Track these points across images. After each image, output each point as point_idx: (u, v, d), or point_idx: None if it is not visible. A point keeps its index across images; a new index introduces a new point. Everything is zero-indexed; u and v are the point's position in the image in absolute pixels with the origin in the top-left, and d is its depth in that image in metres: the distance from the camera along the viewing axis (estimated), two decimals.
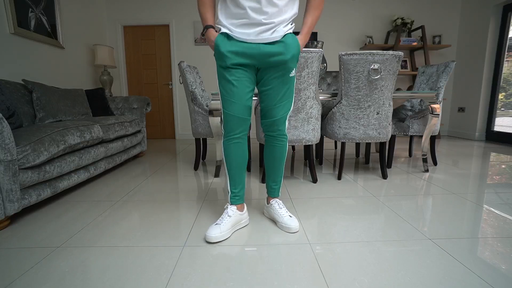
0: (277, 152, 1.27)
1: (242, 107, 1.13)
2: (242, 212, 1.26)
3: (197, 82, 2.44)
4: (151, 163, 2.65)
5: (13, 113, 1.68)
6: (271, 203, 1.33)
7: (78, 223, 1.33)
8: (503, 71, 3.66)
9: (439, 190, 1.76)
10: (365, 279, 0.89)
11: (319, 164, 2.52)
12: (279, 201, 1.32)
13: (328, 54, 4.23)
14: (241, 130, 1.17)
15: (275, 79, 1.14)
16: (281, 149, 1.28)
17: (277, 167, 1.30)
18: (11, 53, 2.38)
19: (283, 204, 1.32)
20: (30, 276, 0.92)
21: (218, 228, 1.15)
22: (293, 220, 1.23)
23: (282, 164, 1.31)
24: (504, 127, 3.65)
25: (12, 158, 1.24)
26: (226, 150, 1.21)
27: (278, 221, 1.26)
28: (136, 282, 0.89)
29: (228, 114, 1.15)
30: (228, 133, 1.18)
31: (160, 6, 4.06)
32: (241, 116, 1.14)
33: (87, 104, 2.52)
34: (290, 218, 1.23)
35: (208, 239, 1.13)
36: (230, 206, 1.25)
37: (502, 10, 3.65)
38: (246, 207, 1.31)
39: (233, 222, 1.21)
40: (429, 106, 2.10)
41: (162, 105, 4.38)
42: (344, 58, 1.78)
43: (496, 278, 0.88)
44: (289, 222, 1.21)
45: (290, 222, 1.21)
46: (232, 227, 1.20)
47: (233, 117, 1.14)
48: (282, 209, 1.28)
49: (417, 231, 1.21)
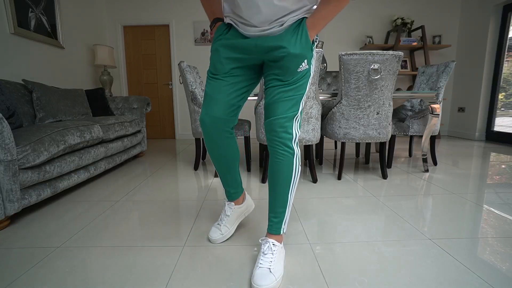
0: (278, 172, 0.93)
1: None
2: (241, 204, 1.18)
3: (197, 82, 2.44)
4: (151, 163, 2.65)
5: (13, 113, 1.68)
6: (262, 240, 0.97)
7: (78, 223, 1.33)
8: (503, 71, 3.66)
9: (439, 190, 1.76)
10: (365, 279, 0.89)
11: (319, 164, 2.52)
12: (272, 242, 0.94)
13: (328, 54, 4.23)
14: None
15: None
16: (283, 168, 0.92)
17: (278, 192, 0.95)
18: (11, 53, 2.38)
19: (276, 248, 0.93)
20: (30, 276, 0.92)
21: (218, 231, 1.14)
22: (266, 277, 0.85)
23: (286, 190, 0.94)
24: (504, 127, 3.65)
25: (12, 158, 1.24)
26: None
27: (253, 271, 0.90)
28: (136, 282, 0.89)
29: None
30: None
31: (160, 6, 4.06)
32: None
33: (87, 104, 2.52)
34: (263, 273, 0.86)
35: (212, 242, 1.14)
36: (227, 203, 1.17)
37: (502, 10, 3.65)
38: (246, 195, 1.22)
39: (234, 218, 1.18)
40: (429, 106, 2.10)
41: (162, 105, 4.38)
42: (344, 58, 1.78)
43: (496, 278, 0.88)
44: (259, 279, 0.84)
45: (259, 280, 0.84)
46: (234, 222, 1.18)
47: None
48: (266, 255, 0.92)
49: (417, 231, 1.21)
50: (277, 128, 0.90)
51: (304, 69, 0.89)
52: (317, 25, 0.86)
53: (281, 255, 0.96)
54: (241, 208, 1.19)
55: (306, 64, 0.89)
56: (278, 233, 0.97)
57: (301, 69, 0.89)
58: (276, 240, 0.96)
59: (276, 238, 0.97)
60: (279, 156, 0.92)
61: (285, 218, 0.97)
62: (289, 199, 0.96)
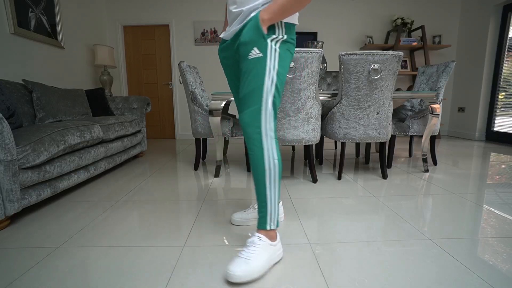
0: (252, 167, 0.96)
1: None
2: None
3: (197, 82, 2.44)
4: (151, 163, 2.65)
5: (13, 113, 1.68)
6: (251, 233, 1.02)
7: (78, 223, 1.33)
8: (503, 71, 3.66)
9: (439, 190, 1.76)
10: (365, 279, 0.89)
11: (319, 164, 2.52)
12: (257, 236, 0.95)
13: (328, 54, 4.23)
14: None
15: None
16: (253, 163, 0.94)
17: (256, 187, 0.96)
18: (11, 53, 2.38)
19: (261, 243, 0.93)
20: (30, 276, 0.92)
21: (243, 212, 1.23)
22: (241, 265, 0.86)
23: (262, 186, 0.94)
24: (504, 127, 3.65)
25: (12, 158, 1.24)
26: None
27: None
28: (136, 282, 0.89)
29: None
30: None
31: (160, 6, 4.06)
32: None
33: (87, 104, 2.52)
34: (239, 262, 0.87)
35: (232, 220, 1.28)
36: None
37: (502, 10, 3.65)
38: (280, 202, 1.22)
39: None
40: (429, 106, 2.10)
41: (162, 105, 4.38)
42: (344, 58, 1.78)
43: (496, 278, 0.88)
44: (232, 265, 0.86)
45: (232, 266, 0.86)
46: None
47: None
48: (249, 247, 0.93)
49: (417, 231, 1.21)
50: (242, 123, 0.94)
51: (256, 57, 0.91)
52: (270, 12, 0.88)
53: (267, 252, 0.93)
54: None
55: (258, 51, 0.90)
56: (263, 227, 0.97)
57: (252, 56, 0.91)
58: (264, 236, 0.95)
59: (265, 234, 0.96)
60: (249, 151, 0.95)
61: (268, 214, 0.96)
62: (268, 195, 0.95)
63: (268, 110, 0.92)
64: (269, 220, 0.97)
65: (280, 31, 0.94)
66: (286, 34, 0.95)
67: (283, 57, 0.94)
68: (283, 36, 0.94)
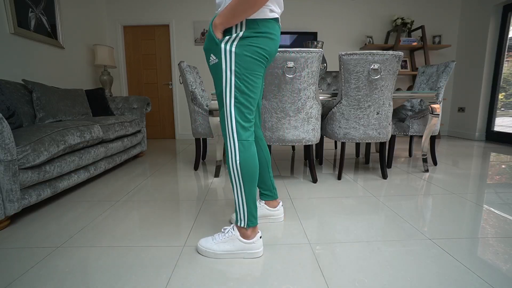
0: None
1: None
2: (271, 208, 1.33)
3: (197, 82, 2.44)
4: (151, 163, 2.65)
5: (13, 113, 1.68)
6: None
7: (78, 223, 1.33)
8: (503, 71, 3.66)
9: (439, 190, 1.76)
10: (365, 279, 0.89)
11: (319, 164, 2.52)
12: (232, 227, 1.05)
13: (328, 54, 4.23)
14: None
15: None
16: (229, 157, 0.98)
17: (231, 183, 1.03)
18: (11, 53, 2.38)
19: (231, 233, 1.03)
20: (30, 276, 0.92)
21: None
22: (206, 240, 1.04)
23: (232, 187, 1.01)
24: (504, 127, 3.65)
25: (12, 158, 1.24)
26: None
27: None
28: (136, 282, 0.89)
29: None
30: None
31: (160, 6, 4.06)
32: None
33: (87, 104, 2.52)
34: (207, 238, 1.06)
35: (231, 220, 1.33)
36: (259, 201, 1.33)
37: (502, 10, 3.64)
38: (281, 207, 1.34)
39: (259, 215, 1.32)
40: (429, 106, 2.10)
41: (162, 105, 4.38)
42: (344, 58, 1.78)
43: (496, 278, 0.88)
44: (203, 238, 1.07)
45: (201, 239, 1.06)
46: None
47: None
48: (222, 232, 1.06)
49: (417, 231, 1.21)
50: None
51: (214, 63, 0.93)
52: (221, 17, 0.88)
53: (232, 244, 1.01)
54: (269, 210, 1.30)
55: (214, 57, 0.93)
56: (236, 222, 1.04)
57: (211, 62, 0.94)
58: (237, 230, 1.03)
59: (238, 229, 1.03)
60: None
61: (237, 211, 1.02)
62: (235, 194, 1.00)
63: (228, 113, 0.95)
64: (238, 218, 1.02)
65: (237, 29, 0.90)
66: (247, 30, 0.90)
67: (240, 54, 0.90)
68: (238, 34, 0.90)
